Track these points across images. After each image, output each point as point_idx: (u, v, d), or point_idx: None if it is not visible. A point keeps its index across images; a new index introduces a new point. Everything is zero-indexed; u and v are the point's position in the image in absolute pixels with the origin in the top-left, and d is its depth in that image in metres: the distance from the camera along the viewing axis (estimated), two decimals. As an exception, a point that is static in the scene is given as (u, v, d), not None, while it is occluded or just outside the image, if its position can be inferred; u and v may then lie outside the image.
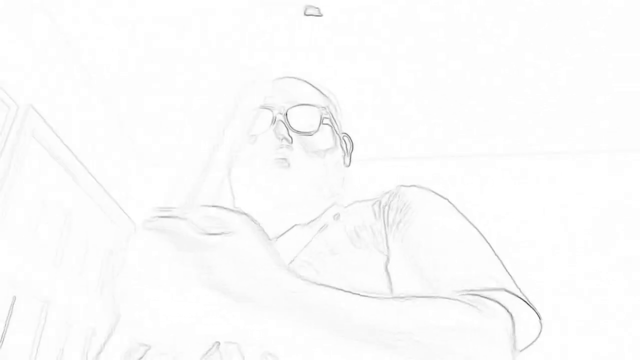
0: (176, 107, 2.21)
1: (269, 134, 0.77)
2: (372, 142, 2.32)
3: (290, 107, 0.79)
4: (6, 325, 1.58)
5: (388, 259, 0.68)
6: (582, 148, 2.35)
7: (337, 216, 0.78)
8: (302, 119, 0.79)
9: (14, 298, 1.63)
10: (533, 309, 0.56)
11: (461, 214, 0.69)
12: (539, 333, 0.57)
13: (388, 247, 0.69)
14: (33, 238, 1.73)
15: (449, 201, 0.70)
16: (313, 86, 0.85)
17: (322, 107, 0.82)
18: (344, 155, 0.86)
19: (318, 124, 0.80)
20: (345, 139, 0.88)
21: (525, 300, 0.56)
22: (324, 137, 0.81)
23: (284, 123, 0.77)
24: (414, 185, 0.74)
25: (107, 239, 2.22)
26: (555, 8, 1.74)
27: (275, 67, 2.01)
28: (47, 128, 1.78)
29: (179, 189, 0.63)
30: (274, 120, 0.78)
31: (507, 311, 0.54)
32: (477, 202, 2.26)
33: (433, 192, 0.72)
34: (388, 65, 1.98)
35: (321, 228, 0.76)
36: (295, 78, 0.85)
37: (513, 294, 0.56)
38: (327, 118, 0.82)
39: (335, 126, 0.84)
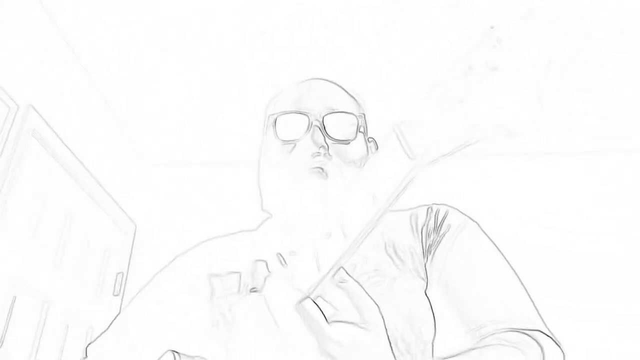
0: (176, 107, 2.22)
1: (306, 140, 0.76)
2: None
3: (327, 114, 0.77)
4: (6, 325, 1.58)
5: (427, 285, 0.72)
6: (582, 148, 2.35)
7: None
8: (339, 127, 0.78)
9: (14, 298, 1.63)
10: (559, 346, 0.65)
11: (489, 239, 0.75)
12: None
13: (426, 271, 0.73)
14: (33, 238, 1.73)
15: (478, 225, 0.76)
16: (346, 91, 0.84)
17: (359, 115, 0.81)
18: None
19: (355, 133, 0.79)
20: (372, 144, 0.86)
21: (555, 340, 0.65)
22: (359, 146, 0.80)
23: (320, 130, 0.76)
24: (446, 206, 0.78)
25: (107, 239, 2.22)
26: (555, 8, 1.74)
27: (276, 67, 2.01)
28: (47, 128, 1.78)
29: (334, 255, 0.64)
30: (309, 126, 0.77)
31: (542, 351, 0.63)
32: (476, 203, 2.26)
33: (466, 215, 0.77)
34: (388, 65, 1.98)
35: (356, 238, 0.76)
36: (328, 81, 0.84)
37: (545, 334, 0.65)
38: (362, 126, 0.81)
39: (366, 133, 0.84)
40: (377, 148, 0.87)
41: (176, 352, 0.66)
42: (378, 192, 0.61)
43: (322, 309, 0.60)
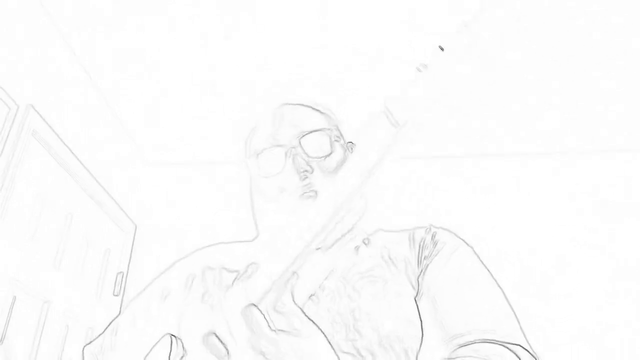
0: (177, 107, 2.22)
1: (288, 168, 0.81)
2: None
3: (302, 137, 0.83)
4: (6, 325, 1.58)
5: (417, 293, 0.77)
6: (582, 148, 2.35)
7: (367, 241, 0.84)
8: (315, 145, 0.83)
9: (14, 298, 1.63)
10: None
11: (482, 262, 0.81)
12: None
13: (418, 283, 0.78)
14: (33, 238, 1.73)
15: (473, 249, 0.82)
16: (316, 109, 0.89)
17: (329, 129, 0.86)
18: None
19: (330, 146, 0.84)
20: (352, 148, 0.91)
21: (534, 355, 0.69)
22: (337, 155, 0.85)
23: (301, 155, 0.81)
24: (444, 229, 0.84)
25: (107, 239, 2.22)
26: (555, 9, 1.74)
27: (274, 68, 2.00)
28: (47, 128, 1.78)
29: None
30: (288, 154, 0.82)
31: None
32: (476, 203, 2.26)
33: (462, 239, 0.82)
34: (388, 65, 1.99)
35: (352, 252, 0.81)
36: (297, 104, 0.89)
37: (525, 349, 0.69)
38: (336, 136, 0.87)
39: (343, 140, 0.89)
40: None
41: (174, 335, 0.69)
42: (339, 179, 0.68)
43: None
